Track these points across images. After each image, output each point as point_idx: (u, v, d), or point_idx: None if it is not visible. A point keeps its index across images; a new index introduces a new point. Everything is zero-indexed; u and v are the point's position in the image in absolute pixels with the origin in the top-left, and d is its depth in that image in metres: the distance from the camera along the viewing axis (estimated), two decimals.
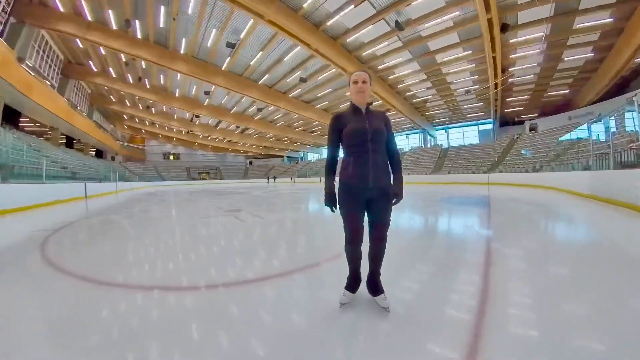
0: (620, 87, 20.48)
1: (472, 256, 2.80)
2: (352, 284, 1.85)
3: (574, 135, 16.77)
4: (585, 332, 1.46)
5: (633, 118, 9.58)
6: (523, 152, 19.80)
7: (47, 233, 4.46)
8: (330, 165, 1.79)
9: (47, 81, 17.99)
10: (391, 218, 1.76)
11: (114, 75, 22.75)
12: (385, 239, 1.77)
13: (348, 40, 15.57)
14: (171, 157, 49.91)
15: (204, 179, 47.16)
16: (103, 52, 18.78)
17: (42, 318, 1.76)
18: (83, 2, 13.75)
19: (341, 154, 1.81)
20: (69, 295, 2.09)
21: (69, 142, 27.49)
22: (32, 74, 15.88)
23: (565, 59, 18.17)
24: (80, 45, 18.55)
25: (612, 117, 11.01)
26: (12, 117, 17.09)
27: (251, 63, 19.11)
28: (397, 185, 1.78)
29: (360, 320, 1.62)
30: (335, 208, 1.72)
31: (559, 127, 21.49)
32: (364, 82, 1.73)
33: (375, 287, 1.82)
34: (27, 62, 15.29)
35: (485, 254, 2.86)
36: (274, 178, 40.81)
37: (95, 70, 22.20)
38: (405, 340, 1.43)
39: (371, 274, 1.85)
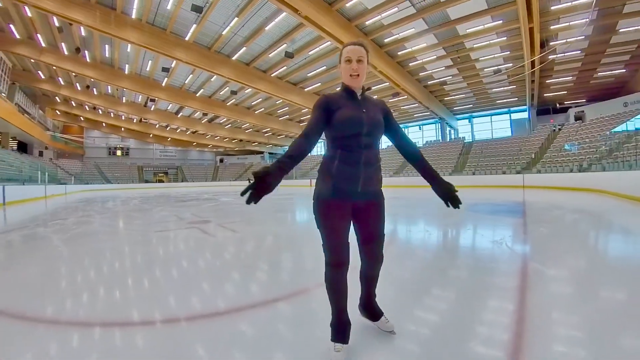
0: None
1: (505, 279, 2.83)
2: (343, 330, 1.70)
3: (631, 125, 17.09)
4: None
5: None
6: (567, 146, 20.18)
7: None
8: (299, 148, 1.48)
9: None
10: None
11: (44, 44, 22.27)
12: (382, 259, 1.82)
13: (347, 5, 15.68)
14: (118, 153, 49.34)
15: (161, 181, 46.77)
16: (29, 12, 18.41)
17: None
18: None
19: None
20: None
21: None
22: None
23: (621, 30, 18.44)
24: None
25: None
26: None
27: (223, 33, 19.04)
28: (442, 180, 1.80)
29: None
30: (257, 195, 1.33)
31: (613, 115, 21.95)
32: (359, 60, 1.62)
33: (373, 311, 1.92)
34: None
35: (521, 276, 2.89)
36: None
37: (17, 37, 21.73)
38: None
39: (367, 297, 1.93)
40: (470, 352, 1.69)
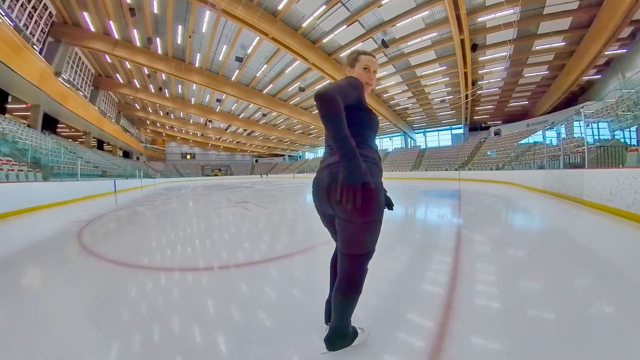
0: (570, 100, 20.91)
1: (445, 241, 2.83)
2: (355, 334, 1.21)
3: (531, 139, 16.88)
4: (538, 303, 1.49)
5: (580, 126, 9.75)
6: (488, 153, 19.95)
7: (82, 224, 4.43)
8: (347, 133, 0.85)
9: (80, 92, 17.66)
10: None
11: (138, 86, 22.34)
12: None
13: (341, 55, 15.44)
14: (188, 157, 49.28)
15: (216, 175, 46.82)
16: (128, 66, 18.46)
17: (79, 296, 1.75)
18: (111, 23, 13.63)
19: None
20: (102, 277, 2.08)
21: (100, 145, 26.87)
22: (67, 86, 15.67)
23: (525, 75, 18.27)
24: (109, 60, 18.19)
25: (563, 125, 11.18)
26: (50, 123, 16.94)
27: (257, 75, 18.85)
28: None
29: None
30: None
31: (519, 132, 21.61)
32: (375, 72, 1.14)
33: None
34: (63, 75, 15.02)
35: (456, 239, 2.89)
36: (267, 174, 41.68)
37: (121, 81, 21.77)
38: (389, 311, 1.45)
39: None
40: (422, 290, 1.71)
